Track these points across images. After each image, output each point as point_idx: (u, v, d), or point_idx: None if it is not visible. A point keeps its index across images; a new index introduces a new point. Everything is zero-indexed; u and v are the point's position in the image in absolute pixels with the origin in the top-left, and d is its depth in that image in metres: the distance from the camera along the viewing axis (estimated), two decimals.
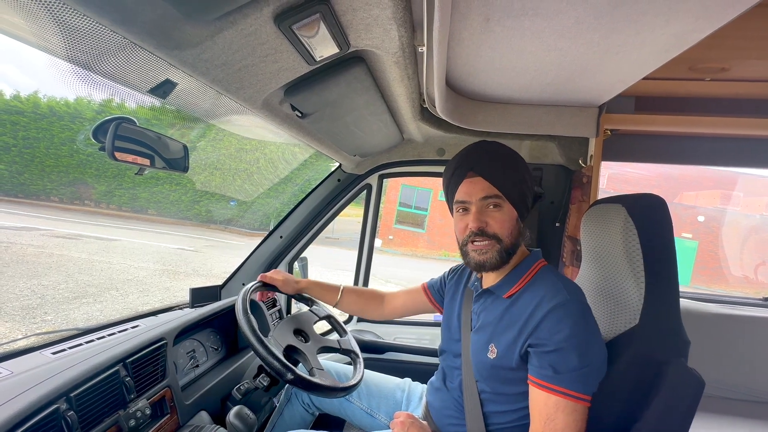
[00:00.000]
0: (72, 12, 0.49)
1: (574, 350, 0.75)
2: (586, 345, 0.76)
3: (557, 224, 1.56)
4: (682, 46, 0.85)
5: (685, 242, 11.90)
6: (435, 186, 12.55)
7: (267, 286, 1.22)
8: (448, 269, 1.20)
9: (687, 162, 1.64)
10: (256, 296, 1.44)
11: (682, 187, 13.17)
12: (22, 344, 0.93)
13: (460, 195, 0.90)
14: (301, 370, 0.94)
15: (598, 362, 0.78)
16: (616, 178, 12.82)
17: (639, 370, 0.78)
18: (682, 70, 1.23)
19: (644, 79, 1.03)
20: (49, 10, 0.49)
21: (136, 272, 6.45)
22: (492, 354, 0.85)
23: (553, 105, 1.31)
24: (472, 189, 0.87)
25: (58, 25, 0.53)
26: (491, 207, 0.87)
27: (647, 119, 1.37)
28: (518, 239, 0.89)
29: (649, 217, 0.85)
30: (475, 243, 0.87)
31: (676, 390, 0.74)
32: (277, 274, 1.23)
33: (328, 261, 9.23)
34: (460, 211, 0.91)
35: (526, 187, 0.90)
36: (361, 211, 1.89)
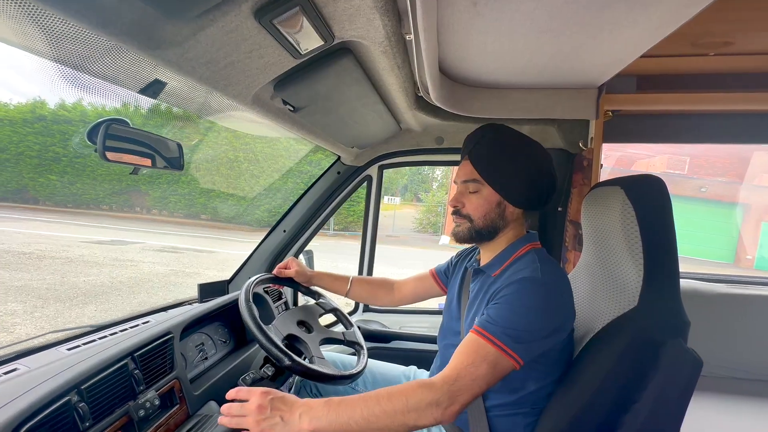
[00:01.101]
0: (53, 17, 0.50)
1: (518, 310, 0.78)
2: (531, 313, 0.78)
3: (559, 208, 1.55)
4: (678, 21, 0.82)
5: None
6: None
7: (279, 280, 1.26)
8: (455, 253, 1.23)
9: (693, 141, 1.60)
10: (260, 289, 1.47)
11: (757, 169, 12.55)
12: (40, 341, 0.98)
13: (454, 177, 1.00)
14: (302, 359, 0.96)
15: (537, 336, 0.78)
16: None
17: (637, 352, 0.78)
18: (685, 46, 1.20)
19: (645, 57, 1.01)
20: (31, 17, 0.50)
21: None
22: None
23: (550, 88, 1.28)
24: (460, 172, 0.96)
25: (43, 30, 0.54)
26: (470, 191, 0.93)
27: (650, 98, 1.34)
28: (495, 222, 0.93)
29: (648, 199, 0.84)
30: (455, 220, 0.97)
31: (673, 370, 0.74)
32: (292, 263, 1.28)
33: (396, 259, 9.21)
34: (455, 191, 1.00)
35: (520, 174, 0.89)
36: (408, 205, 1.91)
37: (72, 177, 11.28)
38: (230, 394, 0.75)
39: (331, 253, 9.18)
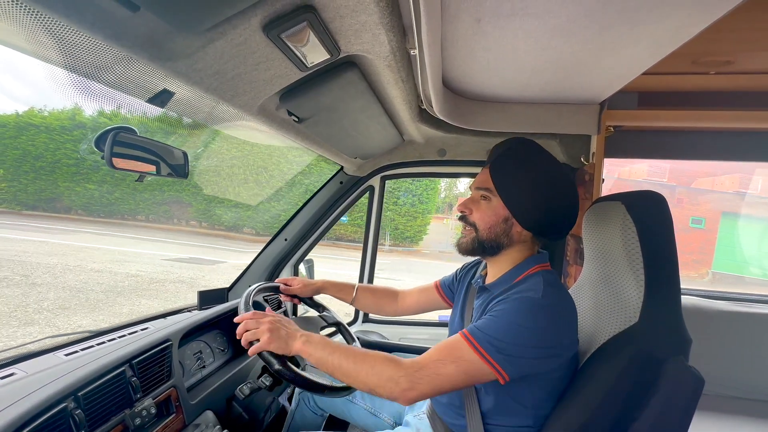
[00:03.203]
0: (66, 28, 0.51)
1: (509, 324, 0.77)
2: (522, 330, 0.76)
3: None
4: (679, 41, 0.84)
5: None
6: None
7: (279, 291, 1.24)
8: (460, 266, 1.22)
9: (693, 157, 1.61)
10: (260, 297, 1.47)
11: None
12: (37, 346, 0.98)
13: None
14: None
15: (526, 353, 0.76)
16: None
17: (638, 369, 0.77)
18: (686, 64, 1.21)
19: (646, 74, 1.02)
20: (45, 27, 0.52)
21: None
22: None
23: (552, 103, 1.30)
24: (478, 179, 0.94)
25: (56, 39, 0.55)
26: (481, 198, 0.91)
27: (651, 115, 1.35)
28: (500, 237, 0.89)
29: (649, 214, 0.84)
30: (462, 228, 0.95)
31: (674, 388, 0.73)
32: (293, 281, 1.26)
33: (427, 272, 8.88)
34: None
35: (533, 193, 0.85)
36: (442, 219, 1.90)
37: (111, 186, 11.09)
38: (240, 318, 0.89)
39: (402, 273, 8.63)
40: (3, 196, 10.90)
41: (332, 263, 8.56)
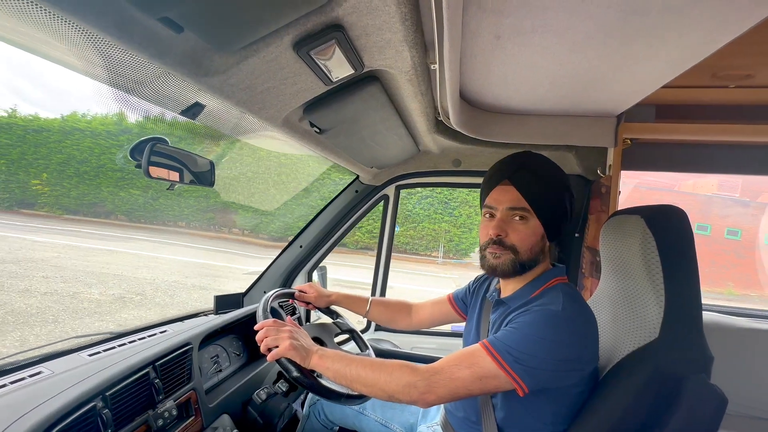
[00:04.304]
0: (114, 47, 0.55)
1: (527, 336, 0.77)
2: (541, 341, 0.76)
3: (576, 234, 1.54)
4: (699, 56, 0.84)
5: None
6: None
7: (295, 297, 1.26)
8: (473, 278, 1.22)
9: (711, 171, 1.59)
10: (276, 304, 1.49)
11: None
12: (61, 346, 1.01)
13: (489, 200, 0.91)
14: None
15: (544, 365, 0.76)
16: None
17: (658, 386, 0.76)
18: (705, 78, 1.21)
19: (664, 87, 1.02)
20: (94, 44, 0.55)
21: None
22: None
23: (569, 115, 1.30)
24: (502, 197, 0.88)
25: (104, 57, 0.59)
26: (516, 218, 0.86)
27: (669, 128, 1.34)
28: (538, 256, 0.89)
29: (669, 229, 0.84)
30: (492, 250, 0.88)
31: (696, 407, 0.72)
32: (309, 288, 1.27)
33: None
34: (487, 216, 0.92)
35: (562, 208, 0.88)
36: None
37: (155, 192, 10.96)
38: (260, 325, 0.93)
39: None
40: (45, 200, 10.89)
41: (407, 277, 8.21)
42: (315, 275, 1.82)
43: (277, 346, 0.87)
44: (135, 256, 7.96)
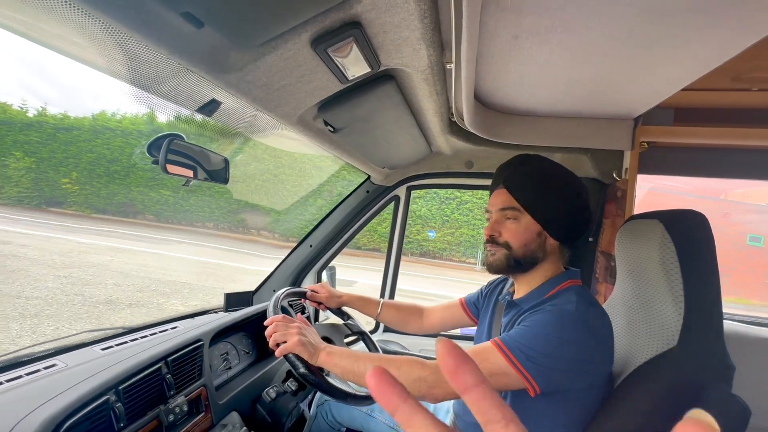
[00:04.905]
0: (135, 42, 0.55)
1: (539, 335, 0.76)
2: (553, 340, 0.75)
3: (590, 239, 1.52)
4: (721, 59, 0.82)
5: None
6: None
7: (307, 296, 1.26)
8: (486, 283, 1.21)
9: (731, 176, 1.55)
10: (286, 302, 1.49)
11: None
12: (74, 340, 1.02)
13: (488, 205, 0.97)
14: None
15: (557, 365, 0.75)
16: None
17: (677, 396, 0.74)
18: (725, 81, 1.18)
19: (684, 90, 1.00)
20: (115, 39, 0.56)
21: None
22: None
23: (585, 117, 1.28)
24: (496, 200, 0.94)
25: (124, 52, 0.60)
26: (508, 218, 0.91)
27: (687, 131, 1.32)
28: (535, 252, 0.90)
29: (689, 234, 0.82)
30: (488, 248, 0.94)
31: (718, 418, 0.70)
32: (321, 289, 1.27)
33: None
34: (487, 220, 0.97)
35: (562, 206, 0.88)
36: None
37: (185, 193, 10.71)
38: (270, 320, 0.94)
39: None
40: (74, 198, 10.76)
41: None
42: (324, 275, 1.83)
43: (285, 342, 0.87)
44: (183, 261, 7.64)
